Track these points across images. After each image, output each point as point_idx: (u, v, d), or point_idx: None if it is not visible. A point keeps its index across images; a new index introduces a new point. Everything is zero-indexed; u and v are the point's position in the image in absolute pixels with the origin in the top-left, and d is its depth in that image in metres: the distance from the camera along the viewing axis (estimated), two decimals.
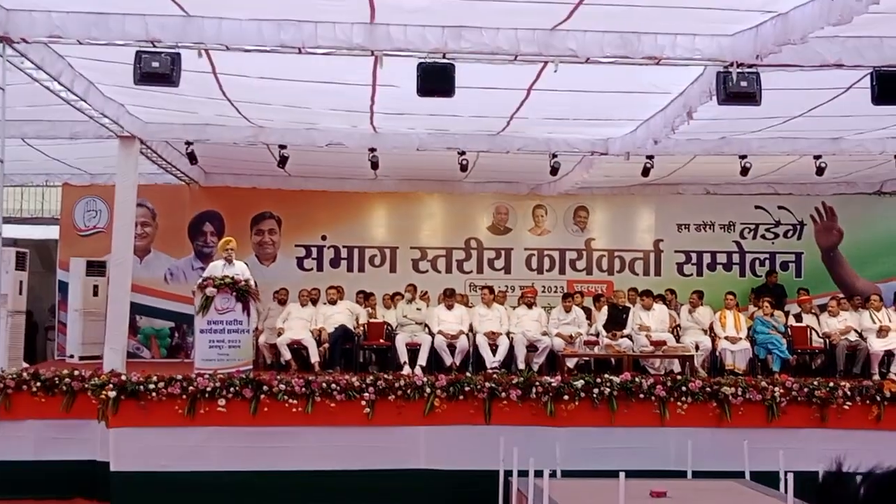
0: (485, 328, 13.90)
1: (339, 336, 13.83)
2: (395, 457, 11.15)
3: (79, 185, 16.67)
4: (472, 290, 16.68)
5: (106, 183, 15.69)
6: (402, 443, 11.18)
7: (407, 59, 8.36)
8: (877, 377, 13.07)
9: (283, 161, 13.11)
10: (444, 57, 8.30)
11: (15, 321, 13.68)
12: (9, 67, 8.78)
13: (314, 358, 13.52)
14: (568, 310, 14.61)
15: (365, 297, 15.23)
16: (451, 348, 13.59)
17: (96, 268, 15.52)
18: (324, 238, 17.20)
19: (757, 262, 17.59)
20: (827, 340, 14.16)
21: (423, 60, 8.34)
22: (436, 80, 8.38)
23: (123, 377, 11.03)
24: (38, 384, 11.37)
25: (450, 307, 14.31)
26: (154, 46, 8.14)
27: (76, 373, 11.55)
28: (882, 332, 13.87)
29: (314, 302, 14.81)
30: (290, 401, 10.99)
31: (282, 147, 12.81)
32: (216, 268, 12.29)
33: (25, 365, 13.44)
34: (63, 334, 16.11)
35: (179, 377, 10.98)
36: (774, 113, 10.50)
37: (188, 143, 12.89)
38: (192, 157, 13.40)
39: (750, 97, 8.42)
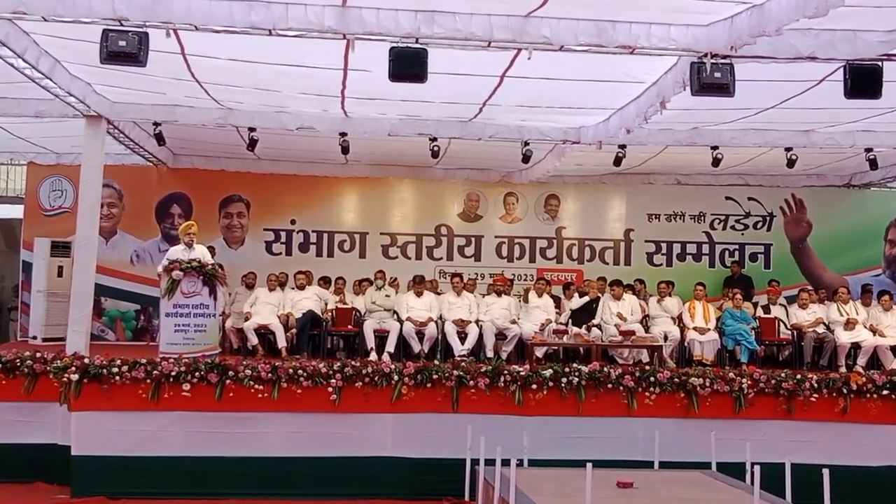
0: (454, 316, 13.81)
1: (307, 322, 13.71)
2: (362, 444, 11.11)
3: (44, 165, 16.42)
4: (441, 277, 16.62)
5: (72, 163, 15.48)
6: (369, 430, 11.13)
7: (379, 43, 8.25)
8: (843, 370, 13.13)
9: (252, 144, 12.98)
10: (416, 42, 8.20)
11: None
12: None
13: (281, 343, 13.41)
14: (540, 293, 14.56)
15: (326, 283, 15.12)
16: (420, 335, 13.50)
17: (61, 248, 15.34)
18: (293, 222, 17.08)
19: (727, 253, 17.61)
20: (795, 332, 14.19)
21: (395, 45, 8.23)
22: (408, 65, 8.28)
23: (86, 360, 10.93)
24: None
25: (419, 294, 14.23)
26: (121, 25, 7.98)
27: (38, 355, 11.44)
28: (849, 324, 13.91)
29: (282, 286, 14.68)
30: (256, 386, 10.92)
31: (251, 130, 12.68)
32: (176, 252, 12.14)
33: None
34: (26, 315, 15.92)
35: (143, 361, 10.88)
36: (747, 104, 10.47)
37: (156, 124, 12.69)
38: (159, 139, 13.20)
39: (723, 88, 8.39)
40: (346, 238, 17.23)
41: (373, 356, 12.99)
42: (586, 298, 14.60)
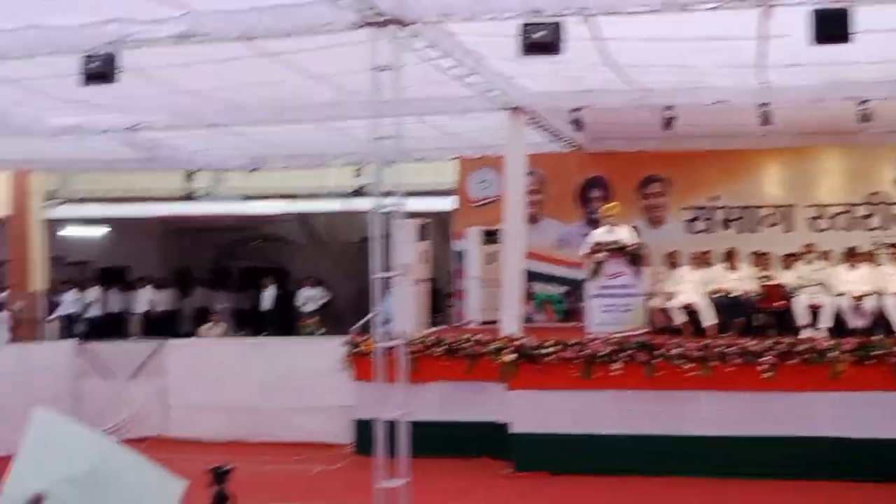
0: (894, 288, 12.90)
1: (729, 305, 13.36)
2: (796, 423, 10.74)
3: (471, 158, 17.21)
4: (878, 247, 15.53)
5: (496, 154, 16.07)
6: (804, 409, 10.73)
7: (793, 7, 7.90)
8: None
9: (668, 122, 12.85)
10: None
11: (419, 289, 14.39)
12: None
13: (707, 322, 13.20)
14: None
15: (757, 258, 14.62)
16: (857, 310, 12.77)
17: (490, 236, 15.98)
18: (716, 199, 16.74)
19: None
20: None
21: (817, 7, 7.84)
22: (832, 25, 7.86)
23: (520, 342, 11.35)
24: (442, 349, 11.97)
25: (853, 267, 13.46)
26: (537, 16, 8.22)
27: (476, 337, 12.02)
28: None
29: (708, 265, 14.39)
30: (686, 365, 10.84)
31: (667, 108, 12.56)
32: (598, 234, 12.29)
33: (431, 329, 14.14)
34: (461, 301, 16.75)
35: (573, 342, 11.15)
36: None
37: (574, 110, 12.93)
38: (577, 124, 13.43)
39: None
40: (771, 212, 16.66)
41: (806, 332, 12.46)
42: None
